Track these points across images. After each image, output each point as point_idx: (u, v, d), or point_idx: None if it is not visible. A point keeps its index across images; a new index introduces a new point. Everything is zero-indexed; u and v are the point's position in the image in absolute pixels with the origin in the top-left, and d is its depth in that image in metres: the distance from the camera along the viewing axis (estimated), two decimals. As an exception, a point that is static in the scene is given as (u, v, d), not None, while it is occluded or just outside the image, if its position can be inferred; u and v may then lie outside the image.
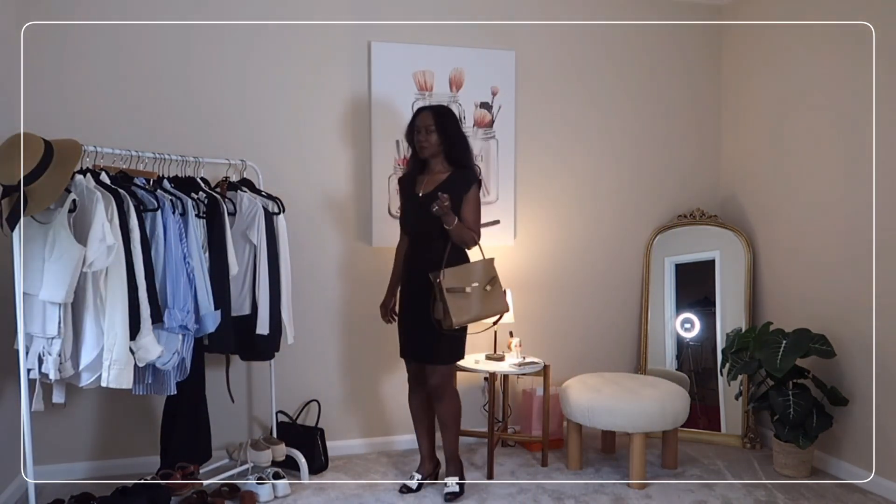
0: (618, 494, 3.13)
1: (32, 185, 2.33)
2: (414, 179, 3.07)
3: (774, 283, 3.75)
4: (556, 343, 3.91)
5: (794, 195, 3.60)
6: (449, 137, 2.98)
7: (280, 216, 3.15)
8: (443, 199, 2.79)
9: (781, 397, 3.23)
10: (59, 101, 3.17)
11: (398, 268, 3.16)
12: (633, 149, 4.00)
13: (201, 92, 3.35)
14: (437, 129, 2.96)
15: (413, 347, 3.07)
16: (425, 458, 3.19)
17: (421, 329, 2.98)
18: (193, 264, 2.70)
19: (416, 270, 3.00)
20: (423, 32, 3.61)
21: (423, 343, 3.01)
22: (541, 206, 3.87)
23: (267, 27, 3.42)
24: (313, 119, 3.51)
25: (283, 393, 3.48)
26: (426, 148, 2.99)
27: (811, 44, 3.47)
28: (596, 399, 3.26)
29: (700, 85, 4.08)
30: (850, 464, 3.29)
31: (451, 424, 3.07)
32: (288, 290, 3.16)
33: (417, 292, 2.99)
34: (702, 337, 3.92)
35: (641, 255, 4.06)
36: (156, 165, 2.88)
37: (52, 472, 3.21)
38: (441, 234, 2.92)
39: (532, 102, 3.81)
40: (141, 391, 2.66)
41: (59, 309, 2.41)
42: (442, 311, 2.86)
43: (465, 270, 2.94)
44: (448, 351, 3.01)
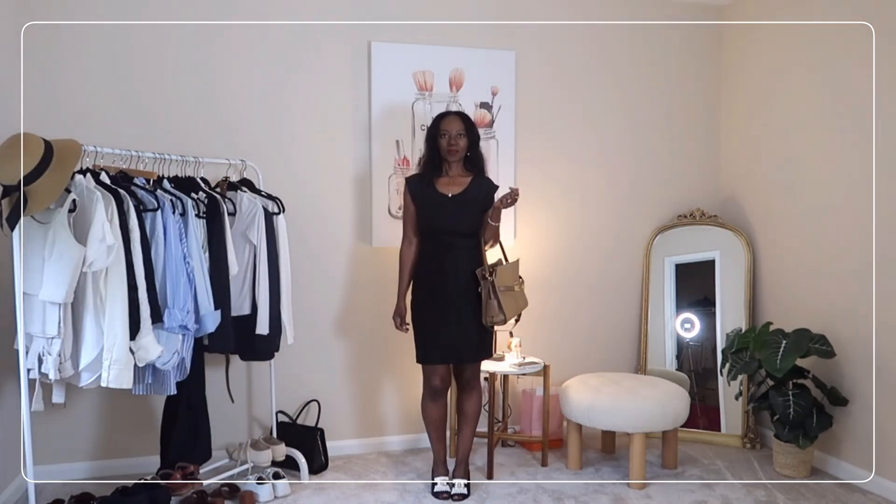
0: (618, 494, 3.13)
1: (32, 185, 2.33)
2: (432, 182, 3.08)
3: (774, 283, 3.75)
4: (556, 343, 3.91)
5: (794, 195, 3.60)
6: (474, 143, 3.10)
7: (280, 216, 3.15)
8: (515, 191, 2.92)
9: (781, 397, 3.23)
10: (59, 101, 3.17)
11: (407, 274, 3.13)
12: (633, 149, 4.00)
13: (201, 92, 3.35)
14: (467, 134, 3.06)
15: (453, 348, 3.02)
16: (441, 462, 3.17)
17: (464, 328, 3.00)
18: (193, 264, 2.70)
19: (449, 270, 3.01)
20: (423, 32, 3.61)
21: (466, 342, 3.03)
22: (541, 206, 3.87)
23: (267, 27, 3.41)
24: (313, 119, 3.51)
25: (283, 393, 3.48)
26: (456, 152, 3.05)
27: (811, 44, 3.47)
28: (596, 399, 3.26)
29: (700, 85, 4.08)
30: (850, 464, 3.29)
31: (474, 418, 3.15)
32: (288, 290, 3.16)
33: (455, 291, 3.00)
34: (702, 337, 3.92)
35: (641, 255, 4.06)
36: (156, 165, 2.88)
37: (52, 472, 3.21)
38: (472, 234, 3.05)
39: (532, 102, 3.81)
40: (141, 391, 2.66)
41: (59, 309, 2.40)
42: (496, 308, 2.95)
43: (512, 269, 3.11)
44: (488, 347, 3.13)
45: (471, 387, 3.13)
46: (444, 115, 3.10)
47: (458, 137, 3.03)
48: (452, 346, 3.02)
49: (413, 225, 3.11)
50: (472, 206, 3.05)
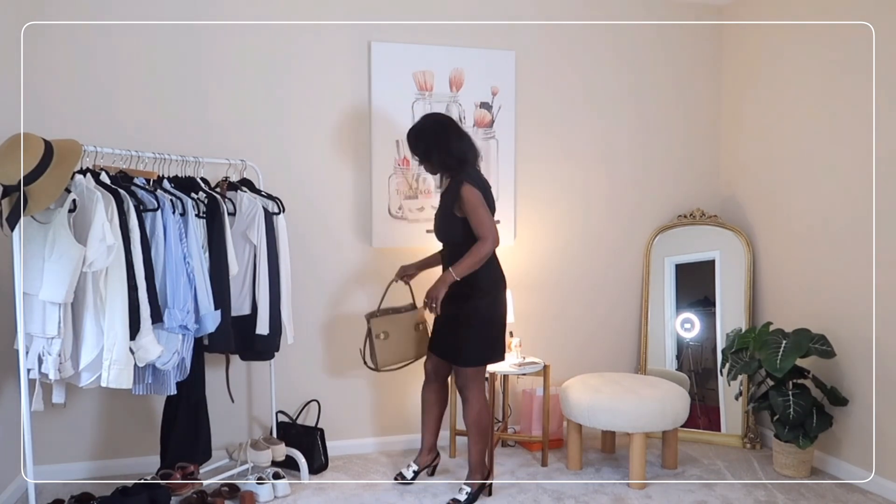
0: (618, 494, 3.13)
1: (32, 185, 2.33)
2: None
3: (774, 283, 3.75)
4: (556, 343, 3.91)
5: (794, 195, 3.60)
6: (427, 155, 2.97)
7: (280, 216, 3.15)
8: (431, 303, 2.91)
9: (781, 397, 3.23)
10: (59, 101, 3.17)
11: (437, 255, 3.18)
12: (633, 149, 4.00)
13: (201, 92, 3.35)
14: (416, 150, 3.02)
15: (435, 340, 3.14)
16: (424, 448, 3.22)
17: (447, 326, 3.03)
18: (193, 264, 2.70)
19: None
20: (423, 32, 3.61)
21: (443, 339, 3.07)
22: (541, 206, 3.87)
23: (267, 27, 3.42)
24: (313, 119, 3.51)
25: (283, 393, 3.48)
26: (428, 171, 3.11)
27: (811, 44, 3.47)
28: (596, 399, 3.26)
29: (700, 85, 4.08)
30: (850, 464, 3.29)
31: (473, 431, 3.02)
32: (288, 290, 3.16)
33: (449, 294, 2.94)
34: (702, 337, 3.93)
35: (641, 255, 4.06)
36: (156, 165, 2.88)
37: (52, 472, 3.21)
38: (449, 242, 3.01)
39: (532, 102, 3.81)
40: (141, 391, 2.66)
41: (59, 309, 2.41)
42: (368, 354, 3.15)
43: (398, 320, 3.21)
44: (469, 355, 2.98)
45: (463, 396, 3.03)
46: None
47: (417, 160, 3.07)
48: (435, 339, 3.13)
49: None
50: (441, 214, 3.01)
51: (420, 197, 3.65)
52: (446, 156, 2.94)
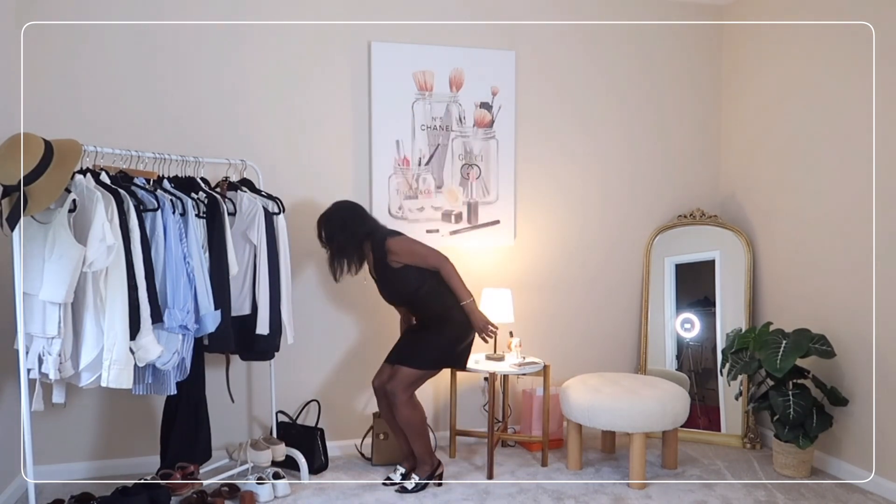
0: (618, 494, 3.13)
1: (32, 185, 2.33)
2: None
3: (774, 283, 3.75)
4: (556, 343, 3.91)
5: (794, 195, 3.60)
6: (338, 241, 3.10)
7: (280, 216, 3.15)
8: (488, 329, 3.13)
9: (781, 397, 3.23)
10: (59, 101, 3.18)
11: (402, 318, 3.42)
12: (633, 149, 4.00)
13: (201, 92, 3.35)
14: (327, 243, 3.13)
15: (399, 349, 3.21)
16: (406, 454, 3.25)
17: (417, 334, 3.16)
18: (193, 264, 2.70)
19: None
20: (423, 32, 3.61)
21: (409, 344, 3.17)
22: (541, 206, 3.87)
23: (267, 27, 3.42)
24: (313, 119, 3.51)
25: (283, 393, 3.48)
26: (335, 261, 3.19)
27: (811, 44, 3.47)
28: (596, 399, 3.26)
29: (700, 85, 4.08)
30: (850, 464, 3.29)
31: (409, 431, 3.11)
32: (288, 290, 3.16)
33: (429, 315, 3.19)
34: (702, 337, 3.92)
35: (641, 255, 4.06)
36: (156, 165, 2.88)
37: (52, 472, 3.21)
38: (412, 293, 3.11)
39: (532, 102, 3.81)
40: (141, 391, 2.66)
41: (59, 309, 2.40)
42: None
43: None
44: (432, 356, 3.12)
45: (395, 400, 3.07)
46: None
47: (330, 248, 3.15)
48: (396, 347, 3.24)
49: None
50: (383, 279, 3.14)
51: (420, 197, 3.65)
52: (352, 235, 3.10)
